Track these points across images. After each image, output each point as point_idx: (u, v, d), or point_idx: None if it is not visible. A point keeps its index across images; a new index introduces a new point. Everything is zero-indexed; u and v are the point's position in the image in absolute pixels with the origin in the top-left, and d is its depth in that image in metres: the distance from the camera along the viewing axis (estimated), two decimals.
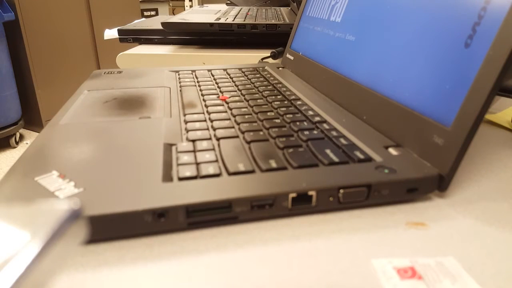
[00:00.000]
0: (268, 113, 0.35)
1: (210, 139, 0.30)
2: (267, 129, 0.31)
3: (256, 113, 0.35)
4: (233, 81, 0.48)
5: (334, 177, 0.24)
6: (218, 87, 0.45)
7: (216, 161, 0.26)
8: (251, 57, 0.65)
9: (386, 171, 0.24)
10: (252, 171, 0.24)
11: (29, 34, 1.96)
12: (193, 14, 0.77)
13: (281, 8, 1.02)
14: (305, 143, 0.29)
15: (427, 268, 0.19)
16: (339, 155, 0.26)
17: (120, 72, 0.51)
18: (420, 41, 0.29)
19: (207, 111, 0.36)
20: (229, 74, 0.51)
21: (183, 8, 3.49)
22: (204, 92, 0.42)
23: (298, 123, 0.32)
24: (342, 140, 0.29)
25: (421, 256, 0.20)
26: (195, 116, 0.34)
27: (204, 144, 0.28)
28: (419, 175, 0.24)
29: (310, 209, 0.23)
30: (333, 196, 0.23)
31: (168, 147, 0.28)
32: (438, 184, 0.24)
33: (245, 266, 0.19)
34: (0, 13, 1.75)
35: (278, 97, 0.40)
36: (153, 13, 3.51)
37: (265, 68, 0.55)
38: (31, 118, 2.13)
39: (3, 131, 1.89)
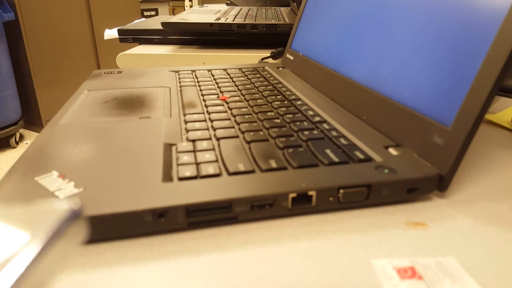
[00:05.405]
0: (268, 113, 0.35)
1: (210, 139, 0.30)
2: (267, 129, 0.31)
3: (256, 113, 0.35)
4: (233, 81, 0.48)
5: (334, 177, 0.24)
6: (218, 87, 0.45)
7: (216, 161, 0.26)
8: (251, 57, 0.65)
9: (386, 171, 0.24)
10: (252, 171, 0.24)
11: (29, 34, 1.96)
12: (193, 14, 0.77)
13: (281, 8, 1.02)
14: (305, 143, 0.29)
15: (427, 268, 0.19)
16: (339, 155, 0.26)
17: (120, 72, 0.51)
18: (420, 41, 0.29)
19: (207, 111, 0.36)
20: (229, 74, 0.51)
21: (183, 8, 3.49)
22: (204, 92, 0.42)
23: (298, 123, 0.32)
24: (342, 140, 0.29)
25: (421, 256, 0.20)
26: (195, 116, 0.34)
27: (204, 144, 0.28)
28: (419, 175, 0.24)
29: (310, 209, 0.23)
30: (333, 196, 0.23)
31: (168, 147, 0.28)
32: (438, 184, 0.24)
33: (245, 266, 0.19)
34: (0, 13, 1.75)
35: (278, 97, 0.40)
36: (153, 13, 3.51)
37: (265, 68, 0.55)
38: (31, 118, 2.13)
39: (3, 131, 1.89)
